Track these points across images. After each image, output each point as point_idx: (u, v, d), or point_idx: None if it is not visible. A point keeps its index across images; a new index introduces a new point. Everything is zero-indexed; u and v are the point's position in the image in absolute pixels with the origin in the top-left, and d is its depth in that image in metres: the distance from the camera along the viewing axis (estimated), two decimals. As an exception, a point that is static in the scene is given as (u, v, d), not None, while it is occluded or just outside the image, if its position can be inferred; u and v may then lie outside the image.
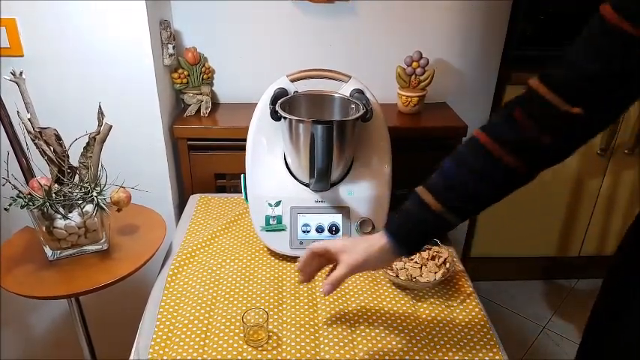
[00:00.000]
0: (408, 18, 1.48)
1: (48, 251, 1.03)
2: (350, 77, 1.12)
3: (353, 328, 0.90)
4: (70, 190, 1.01)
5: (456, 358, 0.84)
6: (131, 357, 0.87)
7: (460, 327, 0.91)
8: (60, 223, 1.00)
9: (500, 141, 0.66)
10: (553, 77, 0.63)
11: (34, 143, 1.00)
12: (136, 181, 1.10)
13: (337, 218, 1.07)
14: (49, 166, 1.02)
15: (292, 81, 1.11)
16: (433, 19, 1.50)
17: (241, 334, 0.87)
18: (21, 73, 0.99)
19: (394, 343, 0.87)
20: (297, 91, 1.11)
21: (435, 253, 1.00)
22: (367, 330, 0.89)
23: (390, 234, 0.75)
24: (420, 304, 0.96)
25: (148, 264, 1.05)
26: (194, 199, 1.34)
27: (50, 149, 1.01)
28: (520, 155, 0.65)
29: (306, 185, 1.08)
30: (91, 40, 1.20)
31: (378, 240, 0.75)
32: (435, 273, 0.96)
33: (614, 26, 0.57)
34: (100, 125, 1.02)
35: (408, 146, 1.38)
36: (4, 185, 0.95)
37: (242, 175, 1.13)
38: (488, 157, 0.67)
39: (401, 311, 0.94)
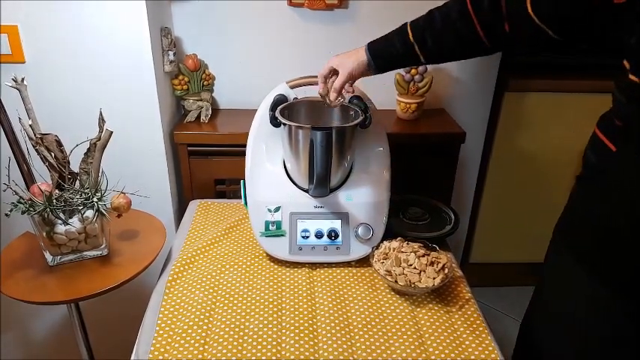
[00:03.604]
0: (407, 25, 1.49)
1: (48, 257, 1.03)
2: (349, 84, 1.13)
3: (352, 334, 0.90)
4: (70, 195, 1.02)
5: (455, 363, 0.85)
6: (131, 362, 0.88)
7: (458, 333, 0.91)
8: (60, 228, 1.00)
9: (478, 12, 0.83)
10: None
11: (35, 149, 1.01)
12: (136, 187, 1.11)
13: (336, 224, 1.08)
14: (49, 171, 1.03)
15: (292, 87, 1.11)
16: (432, 27, 1.50)
17: (240, 340, 0.88)
18: (22, 80, 0.99)
19: (393, 348, 0.87)
20: (296, 98, 1.12)
21: (434, 259, 1.00)
22: (366, 335, 0.90)
23: (369, 49, 0.97)
24: (418, 309, 0.97)
25: (147, 269, 1.05)
26: (194, 205, 1.35)
27: (51, 155, 1.01)
28: (487, 31, 0.84)
29: (306, 191, 1.08)
30: (91, 46, 1.21)
31: (359, 55, 0.97)
32: (434, 279, 0.97)
33: None
34: (100, 131, 1.03)
35: (406, 152, 1.39)
36: (5, 191, 0.95)
37: (242, 181, 1.13)
38: (466, 18, 0.84)
39: (400, 317, 0.94)
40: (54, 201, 0.98)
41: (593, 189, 0.79)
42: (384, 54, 0.96)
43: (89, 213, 1.02)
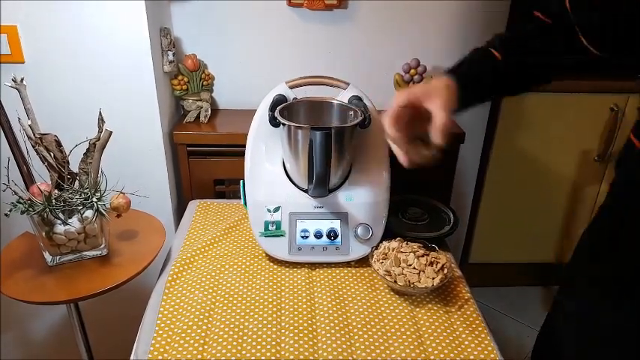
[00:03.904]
0: (406, 25, 1.49)
1: (47, 257, 1.03)
2: (348, 84, 1.13)
3: (351, 334, 0.90)
4: (70, 195, 1.02)
5: (454, 363, 0.85)
6: (130, 362, 0.88)
7: (458, 333, 0.91)
8: (60, 228, 1.00)
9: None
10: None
11: (35, 149, 1.01)
12: (135, 187, 1.11)
13: (336, 224, 1.08)
14: (49, 172, 1.03)
15: (291, 88, 1.11)
16: (431, 27, 1.51)
17: (240, 340, 0.88)
18: (22, 80, 0.99)
19: (392, 349, 0.87)
20: (296, 98, 1.12)
21: (433, 259, 1.00)
22: (365, 336, 0.90)
23: (455, 75, 0.79)
24: (418, 309, 0.97)
25: (147, 269, 1.05)
26: (193, 205, 1.35)
27: (50, 155, 1.01)
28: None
29: (305, 191, 1.08)
30: (91, 46, 1.21)
31: (448, 82, 0.78)
32: (433, 279, 0.97)
33: None
34: (100, 131, 1.03)
35: (406, 152, 1.39)
36: (4, 191, 0.96)
37: (241, 181, 1.13)
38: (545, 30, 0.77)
39: (399, 317, 0.94)
40: (53, 201, 0.98)
41: (626, 198, 0.77)
42: (471, 80, 0.79)
43: (88, 213, 1.02)
